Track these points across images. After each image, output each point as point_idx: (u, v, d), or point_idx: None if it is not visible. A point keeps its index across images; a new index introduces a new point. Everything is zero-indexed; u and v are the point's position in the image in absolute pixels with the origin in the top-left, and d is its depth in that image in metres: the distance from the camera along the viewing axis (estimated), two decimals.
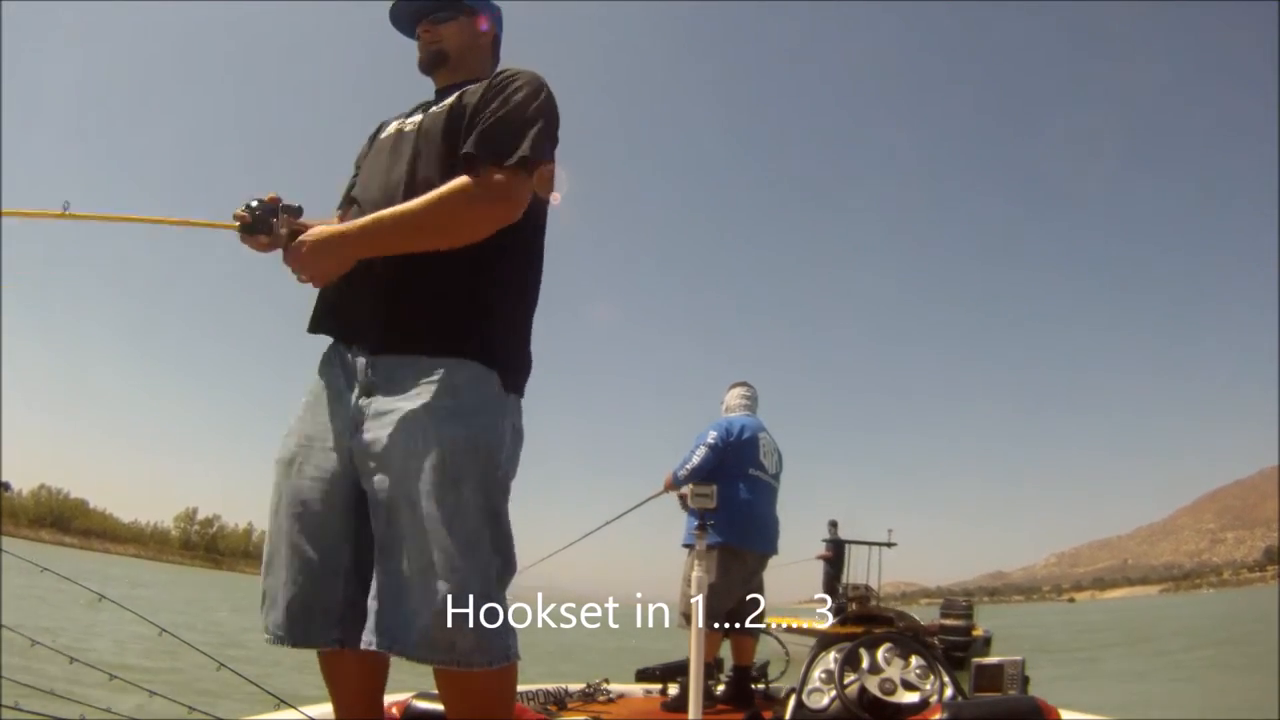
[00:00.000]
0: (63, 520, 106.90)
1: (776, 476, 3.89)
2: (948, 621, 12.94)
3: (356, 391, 1.39)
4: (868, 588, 17.33)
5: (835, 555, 15.07)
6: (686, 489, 3.03)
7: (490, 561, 1.28)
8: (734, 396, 4.02)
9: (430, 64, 1.56)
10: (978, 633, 13.11)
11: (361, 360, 1.40)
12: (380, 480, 1.30)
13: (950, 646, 11.24)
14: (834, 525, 14.90)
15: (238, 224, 1.38)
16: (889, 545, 17.71)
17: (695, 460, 3.67)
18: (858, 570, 17.57)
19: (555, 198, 1.25)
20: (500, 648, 1.24)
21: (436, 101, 1.52)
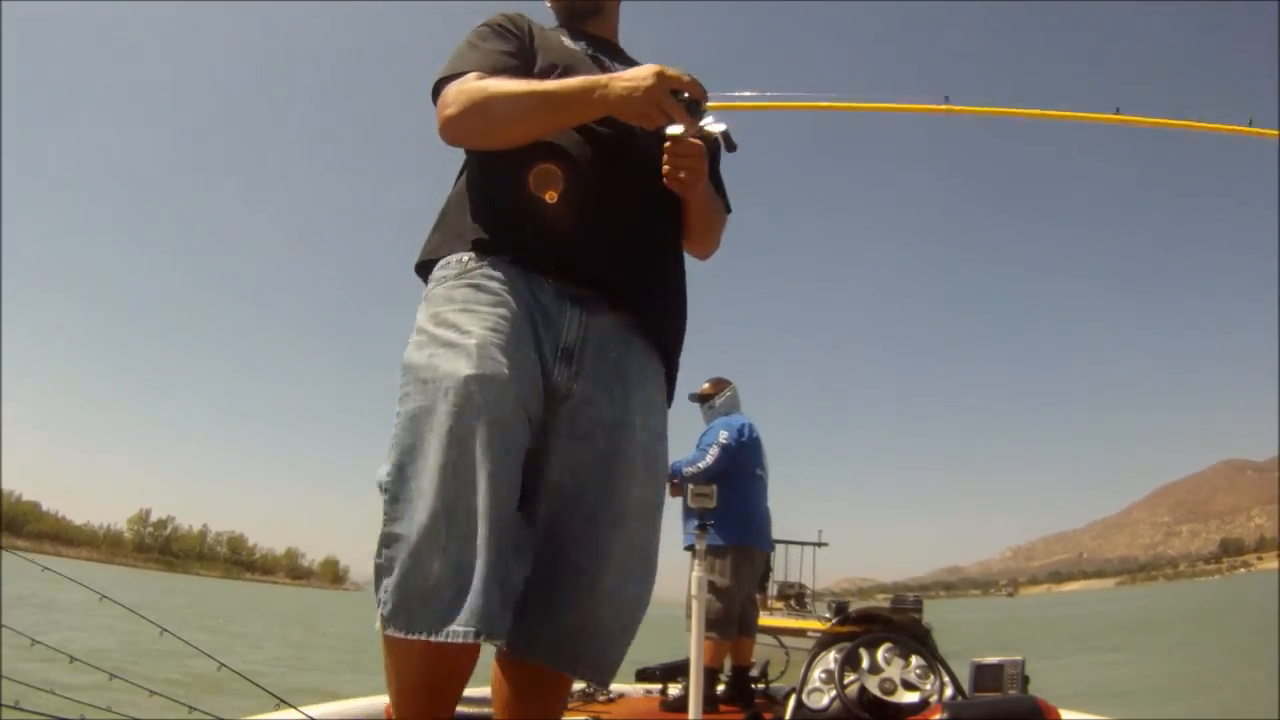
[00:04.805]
0: (15, 524, 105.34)
1: (767, 474, 3.90)
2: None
3: (557, 352, 1.18)
4: (802, 585, 17.58)
5: None
6: (688, 488, 3.01)
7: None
8: (730, 395, 4.00)
9: (586, 11, 1.46)
10: None
11: (577, 315, 1.22)
12: (583, 483, 1.16)
13: None
14: None
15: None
16: (820, 545, 17.94)
17: (708, 461, 3.64)
18: (792, 569, 17.95)
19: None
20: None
21: (601, 52, 1.40)
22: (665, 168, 1.24)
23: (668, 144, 1.22)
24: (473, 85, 1.21)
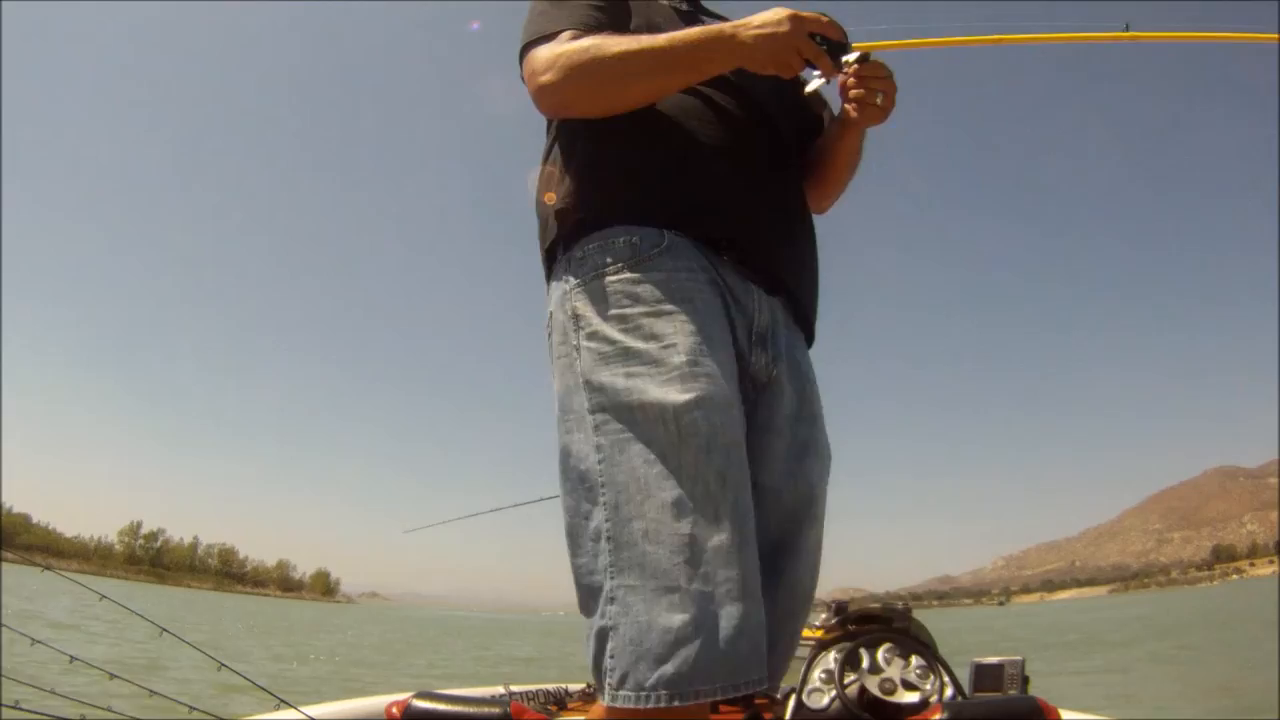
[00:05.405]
0: (6, 537, 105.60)
1: None
2: None
3: (750, 337, 1.06)
4: None
5: None
6: None
7: None
8: None
9: None
10: None
11: (763, 295, 1.09)
12: (777, 482, 1.05)
13: None
14: None
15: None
16: None
17: None
18: None
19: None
20: None
21: (690, 4, 1.29)
22: (854, 92, 1.10)
23: (854, 66, 1.08)
24: (571, 47, 1.05)
